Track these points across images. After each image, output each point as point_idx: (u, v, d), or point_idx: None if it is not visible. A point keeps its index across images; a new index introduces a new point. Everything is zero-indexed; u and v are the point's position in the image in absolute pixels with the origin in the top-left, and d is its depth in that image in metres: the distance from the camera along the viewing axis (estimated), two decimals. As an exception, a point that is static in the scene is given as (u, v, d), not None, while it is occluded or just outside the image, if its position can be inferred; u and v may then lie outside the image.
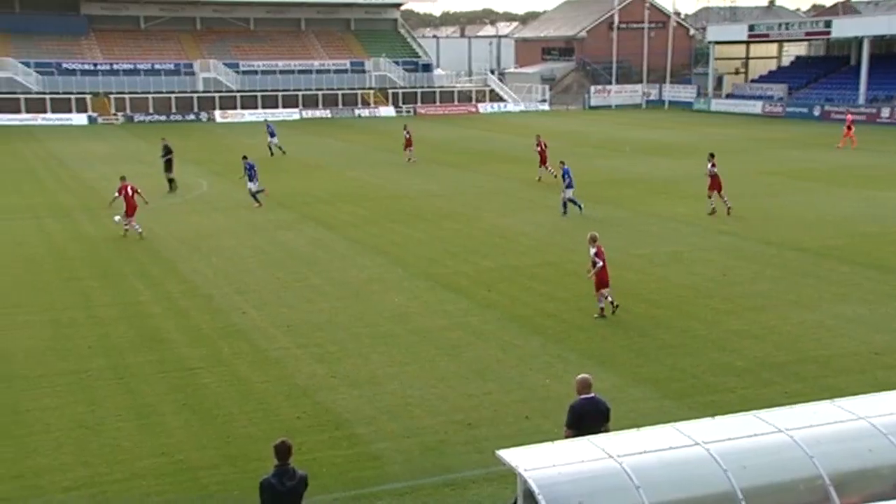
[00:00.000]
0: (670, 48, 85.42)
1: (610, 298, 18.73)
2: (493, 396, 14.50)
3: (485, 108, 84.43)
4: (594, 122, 71.34)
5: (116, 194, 27.05)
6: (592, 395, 10.54)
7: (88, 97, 74.82)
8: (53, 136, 60.44)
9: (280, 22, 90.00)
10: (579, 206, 30.02)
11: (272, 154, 47.89)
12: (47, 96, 73.71)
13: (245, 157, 32.65)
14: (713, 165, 30.06)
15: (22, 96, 73.04)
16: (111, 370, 15.66)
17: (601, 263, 18.37)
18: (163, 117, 74.93)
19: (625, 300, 19.73)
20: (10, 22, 79.51)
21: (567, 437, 10.04)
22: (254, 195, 31.96)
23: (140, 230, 26.76)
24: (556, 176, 36.83)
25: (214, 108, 76.69)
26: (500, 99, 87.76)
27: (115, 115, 74.30)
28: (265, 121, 57.59)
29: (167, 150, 36.49)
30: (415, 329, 18.02)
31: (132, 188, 27.02)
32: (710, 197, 30.04)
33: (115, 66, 78.42)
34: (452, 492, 11.49)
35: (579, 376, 10.78)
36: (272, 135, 48.81)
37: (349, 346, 16.97)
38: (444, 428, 13.29)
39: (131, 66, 78.92)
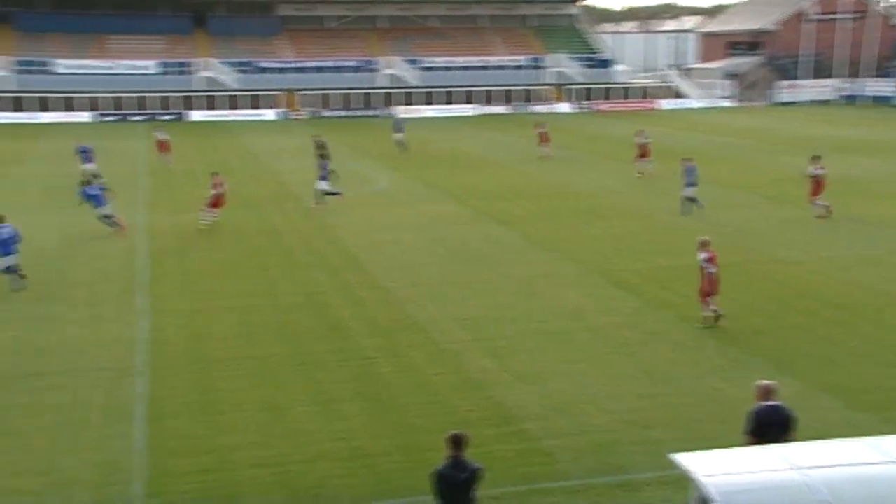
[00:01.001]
0: (871, 40, 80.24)
1: (713, 307, 17.59)
2: (666, 398, 14.16)
3: (666, 104, 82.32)
4: (782, 118, 68.14)
5: (213, 190, 28.40)
6: (776, 402, 10.08)
7: (279, 94, 78.69)
8: (247, 131, 63.81)
9: (459, 19, 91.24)
10: (697, 205, 29.03)
11: (401, 149, 48.75)
12: (243, 93, 78.14)
13: (322, 154, 32.87)
14: (819, 168, 28.27)
15: (221, 94, 77.80)
16: (293, 356, 16.36)
17: (715, 269, 17.42)
18: (345, 113, 77.68)
19: (811, 304, 18.78)
20: (214, 25, 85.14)
21: (748, 444, 9.66)
22: (323, 194, 31.43)
23: (208, 222, 27.91)
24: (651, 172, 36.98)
25: (395, 104, 78.74)
26: (682, 95, 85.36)
27: (301, 110, 77.71)
28: (395, 115, 58.06)
29: (321, 146, 38.92)
30: (586, 326, 17.84)
31: (221, 183, 28.67)
32: (812, 202, 28.39)
33: (304, 65, 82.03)
34: (624, 493, 11.30)
35: (761, 382, 10.35)
36: (399, 130, 49.60)
37: (521, 341, 17.00)
38: (615, 427, 13.10)
39: (318, 64, 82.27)
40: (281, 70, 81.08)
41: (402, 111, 72.14)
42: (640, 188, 35.14)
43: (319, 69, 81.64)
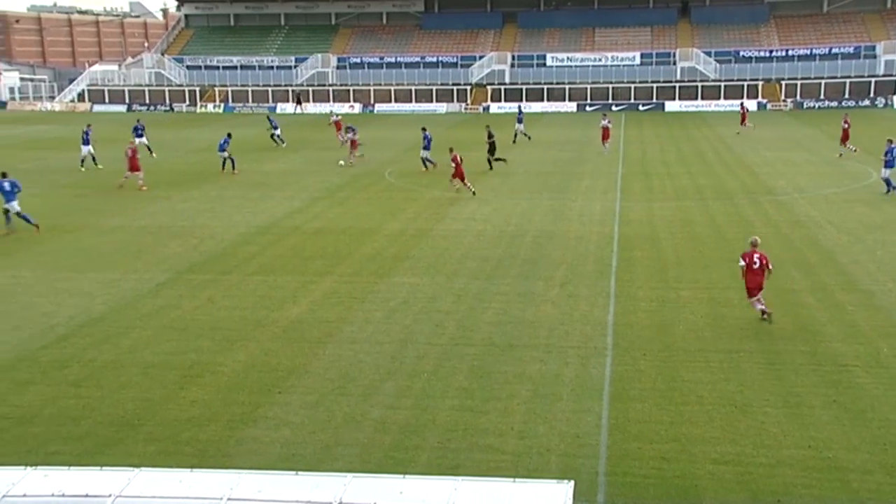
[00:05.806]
0: None
1: (761, 306, 17.15)
2: None
3: None
4: None
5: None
6: None
7: (760, 83, 76.03)
8: (724, 122, 62.61)
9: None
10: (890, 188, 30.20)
11: None
12: (722, 83, 76.88)
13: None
14: None
15: (700, 84, 77.42)
16: (762, 354, 15.76)
17: (744, 264, 17.12)
18: (834, 103, 72.66)
19: None
20: (698, 15, 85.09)
21: None
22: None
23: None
24: (855, 150, 40.42)
25: (895, 93, 71.99)
26: None
27: (783, 101, 74.25)
28: None
29: (490, 135, 40.48)
30: None
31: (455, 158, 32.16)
32: None
33: (790, 52, 78.16)
34: None
35: None
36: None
37: None
38: None
39: (807, 52, 77.87)
40: (764, 59, 78.18)
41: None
42: None
43: (807, 57, 77.22)
